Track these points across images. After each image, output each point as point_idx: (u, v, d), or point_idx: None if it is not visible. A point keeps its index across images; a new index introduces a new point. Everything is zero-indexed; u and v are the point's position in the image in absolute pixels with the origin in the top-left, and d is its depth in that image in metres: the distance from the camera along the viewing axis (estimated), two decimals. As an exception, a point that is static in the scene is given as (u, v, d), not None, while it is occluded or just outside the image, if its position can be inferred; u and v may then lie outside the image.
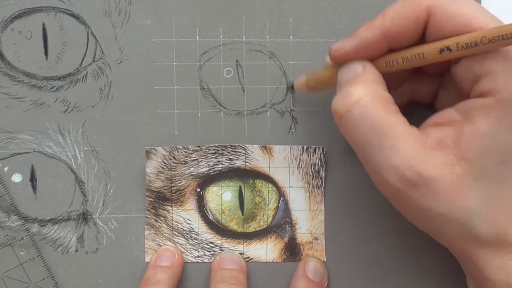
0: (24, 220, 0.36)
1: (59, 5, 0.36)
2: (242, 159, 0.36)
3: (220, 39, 0.36)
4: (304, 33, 0.37)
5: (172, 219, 0.37)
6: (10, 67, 0.36)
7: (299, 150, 0.37)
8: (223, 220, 0.37)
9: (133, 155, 0.36)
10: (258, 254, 0.37)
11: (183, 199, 0.37)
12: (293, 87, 0.36)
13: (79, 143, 0.36)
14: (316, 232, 0.37)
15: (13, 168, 0.36)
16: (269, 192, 0.37)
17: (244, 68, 0.37)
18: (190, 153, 0.36)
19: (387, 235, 0.37)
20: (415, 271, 0.37)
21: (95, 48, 0.36)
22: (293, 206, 0.37)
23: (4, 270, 0.36)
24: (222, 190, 0.37)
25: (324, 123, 0.37)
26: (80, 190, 0.36)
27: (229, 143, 0.36)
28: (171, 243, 0.37)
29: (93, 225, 0.36)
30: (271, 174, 0.37)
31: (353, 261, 0.37)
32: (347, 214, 0.37)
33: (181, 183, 0.37)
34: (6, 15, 0.35)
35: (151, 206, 0.37)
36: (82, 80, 0.36)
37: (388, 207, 0.37)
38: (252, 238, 0.37)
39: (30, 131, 0.36)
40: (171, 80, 0.36)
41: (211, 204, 0.37)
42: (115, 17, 0.36)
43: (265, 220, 0.37)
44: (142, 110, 0.36)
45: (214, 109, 0.37)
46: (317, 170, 0.37)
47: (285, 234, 0.37)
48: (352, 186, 0.37)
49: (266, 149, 0.36)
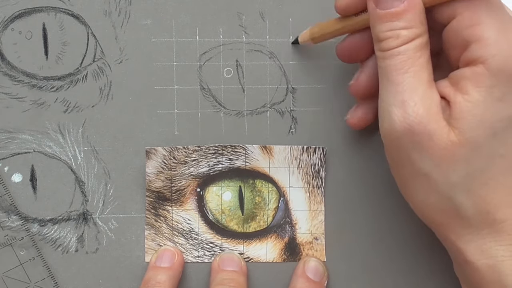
0: (24, 220, 0.36)
1: (59, 5, 0.36)
2: (242, 159, 0.36)
3: (220, 39, 0.36)
4: (304, 33, 0.37)
5: (172, 219, 0.37)
6: (10, 67, 0.36)
7: (299, 150, 0.37)
8: (223, 220, 0.37)
9: (133, 155, 0.36)
10: (258, 254, 0.37)
11: (183, 199, 0.37)
12: (297, 41, 0.36)
13: (79, 143, 0.36)
14: (316, 232, 0.37)
15: (13, 168, 0.36)
16: (269, 192, 0.37)
17: (244, 68, 0.37)
18: (190, 153, 0.36)
19: (387, 235, 0.37)
20: (415, 271, 0.37)
21: (95, 48, 0.36)
22: (293, 206, 0.37)
23: (4, 270, 0.36)
24: (222, 190, 0.37)
25: (324, 123, 0.37)
26: (80, 190, 0.36)
27: (229, 143, 0.36)
28: (171, 243, 0.37)
29: (93, 225, 0.36)
30: (271, 174, 0.37)
31: (353, 261, 0.37)
32: (347, 214, 0.37)
33: (181, 183, 0.37)
34: (6, 15, 0.35)
35: (151, 206, 0.37)
36: (82, 80, 0.36)
37: (388, 207, 0.37)
38: (252, 238, 0.37)
39: (30, 131, 0.36)
40: (171, 80, 0.36)
41: (211, 204, 0.37)
42: (115, 17, 0.36)
43: (265, 220, 0.37)
44: (142, 110, 0.36)
45: (214, 109, 0.37)
46: (317, 170, 0.37)
47: (285, 234, 0.37)
48: (352, 186, 0.37)
49: (266, 149, 0.36)
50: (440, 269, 0.37)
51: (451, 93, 0.29)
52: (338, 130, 0.37)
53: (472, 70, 0.28)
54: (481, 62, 0.28)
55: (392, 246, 0.37)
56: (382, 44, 0.29)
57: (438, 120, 0.28)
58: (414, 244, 0.37)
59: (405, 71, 0.28)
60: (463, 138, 0.28)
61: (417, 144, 0.28)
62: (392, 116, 0.28)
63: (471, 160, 0.28)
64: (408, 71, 0.28)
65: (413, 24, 0.28)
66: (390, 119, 0.29)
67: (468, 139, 0.28)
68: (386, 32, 0.29)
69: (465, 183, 0.28)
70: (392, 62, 0.28)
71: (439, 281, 0.37)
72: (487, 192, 0.28)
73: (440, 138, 0.28)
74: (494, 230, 0.29)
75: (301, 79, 0.37)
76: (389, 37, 0.29)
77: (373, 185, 0.37)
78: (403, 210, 0.37)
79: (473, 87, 0.28)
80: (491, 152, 0.28)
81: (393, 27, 0.28)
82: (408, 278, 0.37)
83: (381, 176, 0.37)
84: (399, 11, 0.28)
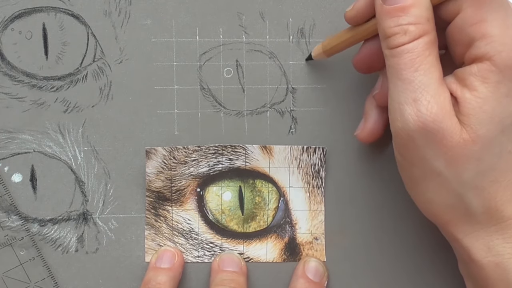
0: (24, 220, 0.36)
1: (59, 5, 0.36)
2: (242, 159, 0.36)
3: (220, 39, 0.36)
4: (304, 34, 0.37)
5: (172, 219, 0.37)
6: (10, 67, 0.36)
7: (299, 150, 0.37)
8: (223, 220, 0.37)
9: (133, 155, 0.36)
10: (258, 254, 0.37)
11: (183, 199, 0.37)
12: (311, 57, 0.36)
13: (79, 143, 0.36)
14: (316, 232, 0.37)
15: (13, 168, 0.36)
16: (269, 192, 0.37)
17: (244, 68, 0.37)
18: (190, 153, 0.36)
19: (387, 235, 0.37)
20: (415, 271, 0.37)
21: (95, 48, 0.36)
22: (293, 206, 0.37)
23: (4, 270, 0.36)
24: (222, 190, 0.37)
25: (324, 123, 0.37)
26: (80, 190, 0.36)
27: (229, 143, 0.36)
28: (171, 243, 0.37)
29: (93, 225, 0.36)
30: (271, 174, 0.37)
31: (353, 261, 0.37)
32: (347, 214, 0.37)
33: (181, 183, 0.37)
34: (6, 15, 0.35)
35: (151, 206, 0.37)
36: (82, 80, 0.36)
37: (388, 207, 0.37)
38: (252, 238, 0.37)
39: (30, 131, 0.36)
40: (171, 80, 0.36)
41: (211, 204, 0.37)
42: (115, 17, 0.36)
43: (265, 220, 0.37)
44: (142, 110, 0.36)
45: (214, 109, 0.37)
46: (317, 170, 0.37)
47: (285, 234, 0.37)
48: (352, 186, 0.37)
49: (266, 149, 0.36)
50: (440, 269, 0.37)
51: (458, 89, 0.29)
52: (338, 130, 0.37)
53: (478, 67, 0.28)
54: (487, 58, 0.28)
55: (392, 246, 0.37)
56: (390, 41, 0.29)
57: (451, 118, 0.28)
58: (415, 244, 0.37)
59: (415, 69, 0.28)
60: (475, 135, 0.28)
61: (431, 142, 0.28)
62: (405, 115, 0.28)
63: (482, 157, 0.28)
64: (418, 69, 0.28)
65: (421, 20, 0.28)
66: (403, 117, 0.28)
67: (480, 136, 0.28)
68: (393, 28, 0.28)
69: (475, 180, 0.28)
70: (401, 60, 0.28)
71: (439, 281, 0.37)
72: (496, 189, 0.28)
73: (454, 135, 0.28)
74: (501, 227, 0.29)
75: (301, 79, 0.37)
76: (396, 33, 0.28)
77: (373, 185, 0.37)
78: (403, 210, 0.37)
79: (480, 83, 0.28)
80: (500, 148, 0.28)
81: (400, 22, 0.28)
82: (409, 278, 0.37)
83: (381, 176, 0.37)
84: (406, 5, 0.28)
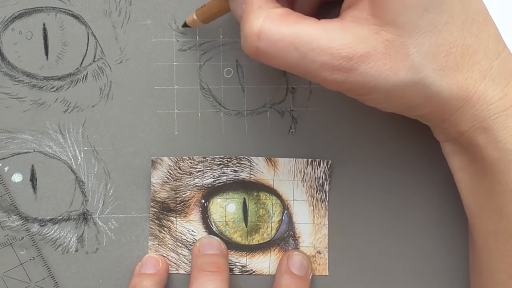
0: (24, 220, 0.36)
1: (59, 5, 0.36)
2: (247, 171, 0.36)
3: (220, 39, 0.36)
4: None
5: (176, 230, 0.37)
6: (10, 67, 0.36)
7: (303, 163, 0.36)
8: (226, 232, 0.37)
9: (133, 155, 0.36)
10: (261, 267, 0.37)
11: (188, 210, 0.37)
12: (186, 25, 0.35)
13: (79, 143, 0.36)
14: (319, 246, 0.37)
15: (13, 168, 0.36)
16: (273, 205, 0.37)
17: (244, 68, 0.36)
18: (196, 164, 0.36)
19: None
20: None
21: (95, 48, 0.36)
22: (296, 219, 0.37)
23: (4, 270, 0.36)
24: (226, 201, 0.37)
25: (324, 123, 0.37)
26: (80, 190, 0.36)
27: (229, 143, 0.36)
28: (175, 254, 0.37)
29: (93, 225, 0.36)
30: (276, 186, 0.37)
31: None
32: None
33: (185, 194, 0.36)
34: (6, 15, 0.36)
35: (156, 217, 0.36)
36: (82, 80, 0.36)
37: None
38: (256, 251, 0.37)
39: (30, 131, 0.36)
40: (171, 80, 0.36)
41: (215, 215, 0.37)
42: (115, 17, 0.36)
43: (268, 233, 0.37)
44: (142, 110, 0.36)
45: (214, 109, 0.37)
46: (321, 183, 0.36)
47: (289, 247, 0.37)
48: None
49: (271, 161, 0.36)
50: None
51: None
52: (338, 130, 0.37)
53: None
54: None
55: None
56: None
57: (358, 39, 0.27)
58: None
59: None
60: (396, 27, 0.27)
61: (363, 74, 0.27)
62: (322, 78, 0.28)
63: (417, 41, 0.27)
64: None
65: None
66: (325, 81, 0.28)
67: (402, 26, 0.27)
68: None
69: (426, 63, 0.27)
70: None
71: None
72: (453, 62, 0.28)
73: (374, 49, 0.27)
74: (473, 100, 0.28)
75: (301, 79, 0.36)
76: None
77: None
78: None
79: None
80: (433, 25, 0.27)
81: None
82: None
83: (381, 176, 0.37)
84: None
